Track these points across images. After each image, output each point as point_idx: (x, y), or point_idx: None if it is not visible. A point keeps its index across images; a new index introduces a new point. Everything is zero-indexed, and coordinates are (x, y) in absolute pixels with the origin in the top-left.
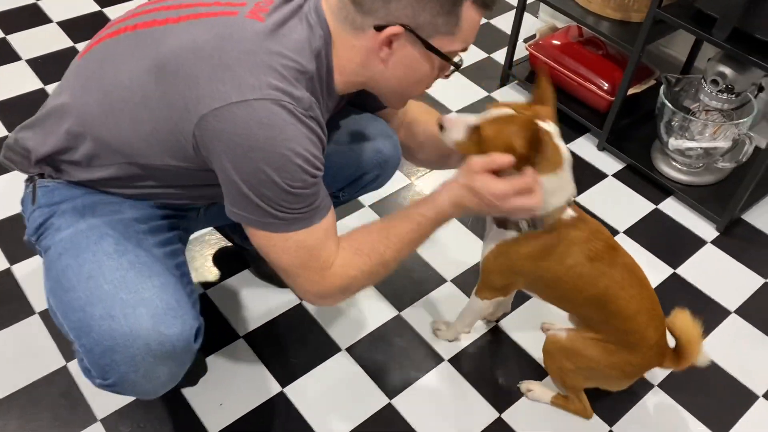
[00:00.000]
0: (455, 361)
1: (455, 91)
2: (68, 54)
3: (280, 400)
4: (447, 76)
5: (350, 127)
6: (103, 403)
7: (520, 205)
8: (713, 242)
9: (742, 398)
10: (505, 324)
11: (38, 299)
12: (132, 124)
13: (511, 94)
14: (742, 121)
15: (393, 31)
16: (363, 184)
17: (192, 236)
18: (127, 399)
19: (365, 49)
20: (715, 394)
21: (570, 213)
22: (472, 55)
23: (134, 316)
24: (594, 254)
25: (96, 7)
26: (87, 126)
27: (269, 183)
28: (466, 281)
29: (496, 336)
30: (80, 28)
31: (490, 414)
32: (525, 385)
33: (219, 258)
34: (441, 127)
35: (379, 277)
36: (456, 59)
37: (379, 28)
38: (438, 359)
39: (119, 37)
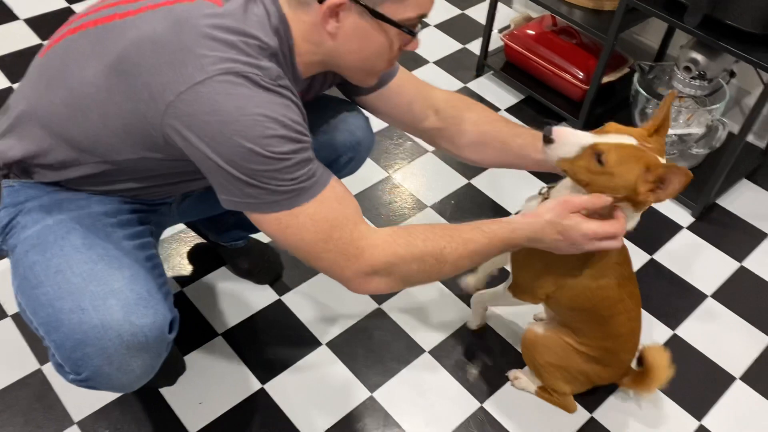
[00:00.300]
0: (436, 352)
1: (430, 82)
2: (36, 52)
3: (261, 397)
4: (406, 46)
5: (321, 111)
6: (79, 405)
7: (603, 247)
8: (689, 228)
9: (719, 381)
10: (485, 314)
11: (10, 302)
12: (101, 120)
13: (486, 85)
14: (715, 107)
15: (335, 1)
16: (338, 167)
17: (166, 234)
18: (104, 400)
19: (313, 25)
20: (692, 378)
21: None
22: (447, 46)
23: (105, 308)
24: (622, 281)
25: (64, 4)
26: (56, 127)
27: (252, 155)
28: None
29: None
30: (48, 25)
31: (471, 403)
32: (513, 373)
33: (195, 255)
34: (547, 139)
35: (429, 272)
36: (417, 29)
37: (321, 0)
38: (419, 351)
39: (80, 33)
